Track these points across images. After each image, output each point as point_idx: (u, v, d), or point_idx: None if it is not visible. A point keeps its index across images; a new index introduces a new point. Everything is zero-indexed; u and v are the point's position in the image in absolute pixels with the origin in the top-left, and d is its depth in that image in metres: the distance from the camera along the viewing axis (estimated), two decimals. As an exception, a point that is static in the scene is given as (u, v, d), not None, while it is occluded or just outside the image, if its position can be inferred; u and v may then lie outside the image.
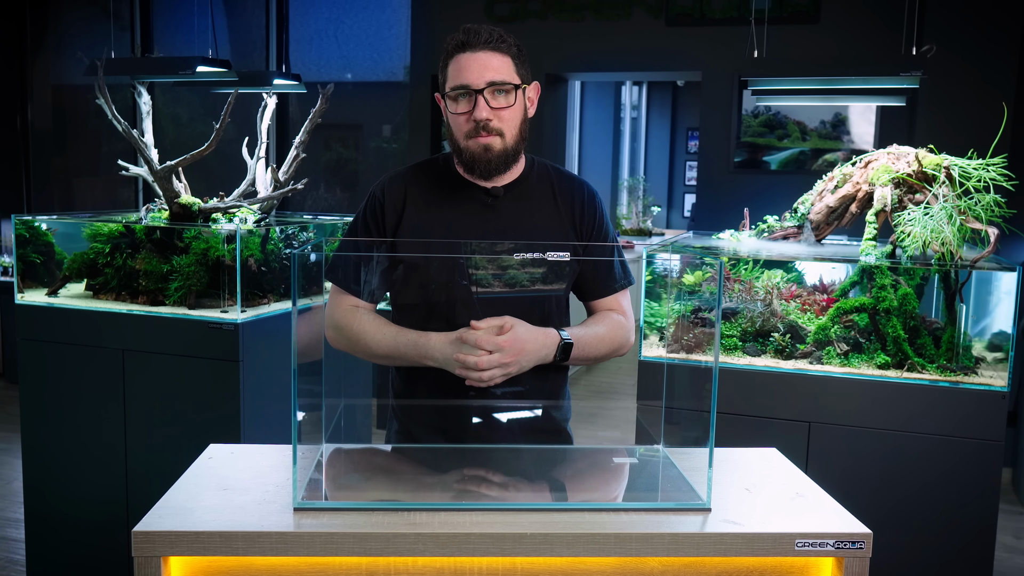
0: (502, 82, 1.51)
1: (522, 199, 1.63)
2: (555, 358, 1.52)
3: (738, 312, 2.39)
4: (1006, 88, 3.91)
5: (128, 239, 2.84)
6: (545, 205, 1.63)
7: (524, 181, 1.64)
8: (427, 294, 1.60)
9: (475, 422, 1.62)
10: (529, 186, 1.64)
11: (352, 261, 1.70)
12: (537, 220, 1.62)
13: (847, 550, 1.19)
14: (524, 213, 1.62)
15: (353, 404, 1.91)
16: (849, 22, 4.24)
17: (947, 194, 2.15)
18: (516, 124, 1.55)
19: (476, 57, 1.51)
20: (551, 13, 4.69)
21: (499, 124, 1.53)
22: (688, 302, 2.31)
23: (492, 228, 1.60)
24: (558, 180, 1.66)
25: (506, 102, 1.53)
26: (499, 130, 1.53)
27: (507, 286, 1.58)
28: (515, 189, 1.62)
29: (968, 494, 2.13)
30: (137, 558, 1.14)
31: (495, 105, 1.52)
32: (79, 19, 6.20)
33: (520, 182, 1.63)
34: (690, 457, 1.44)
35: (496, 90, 1.51)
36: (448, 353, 1.47)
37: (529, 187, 1.64)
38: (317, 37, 5.59)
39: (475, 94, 1.50)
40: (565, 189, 1.65)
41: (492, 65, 1.51)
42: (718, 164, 4.56)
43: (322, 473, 1.36)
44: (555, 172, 1.68)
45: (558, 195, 1.64)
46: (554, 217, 1.63)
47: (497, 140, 1.54)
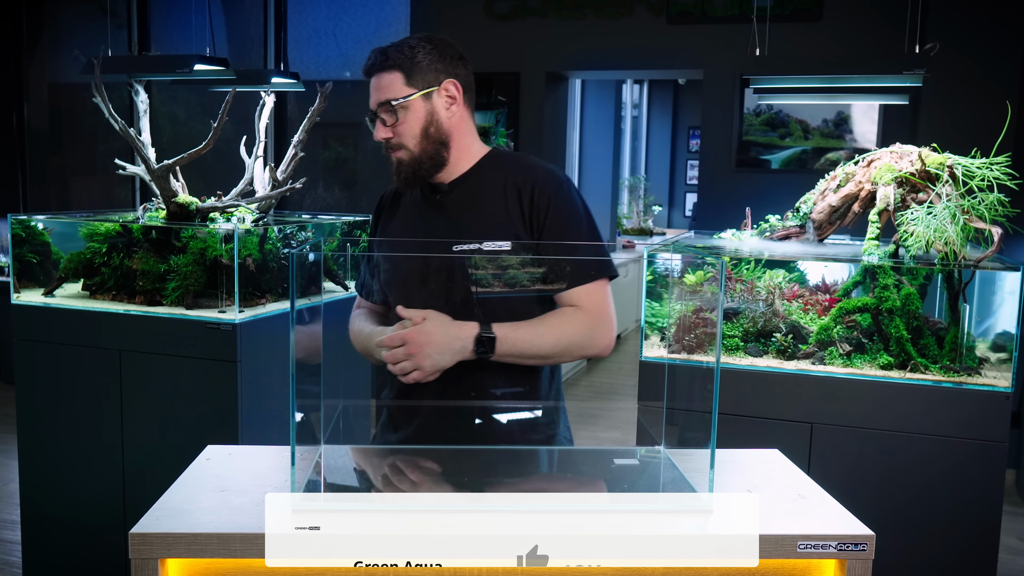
0: (388, 100, 1.60)
1: (469, 194, 1.66)
2: (477, 353, 1.51)
3: (740, 312, 2.37)
4: (1010, 86, 3.89)
5: (125, 239, 2.82)
6: (494, 198, 1.63)
7: (473, 176, 1.67)
8: (392, 293, 1.68)
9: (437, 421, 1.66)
10: (479, 180, 1.66)
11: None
12: (483, 214, 1.63)
13: (849, 552, 1.18)
14: (470, 208, 1.65)
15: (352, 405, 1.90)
16: (852, 20, 4.23)
17: (951, 193, 2.14)
18: (415, 134, 1.61)
19: (373, 82, 1.63)
20: (551, 11, 4.68)
21: (397, 140, 1.62)
22: (689, 302, 2.30)
23: (440, 224, 1.66)
24: (515, 172, 1.65)
25: (396, 118, 1.60)
26: (399, 145, 1.62)
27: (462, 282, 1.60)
28: (463, 184, 1.67)
29: (971, 496, 2.11)
30: (134, 560, 1.13)
31: (388, 123, 1.61)
32: (76, 17, 6.19)
33: (468, 177, 1.67)
34: (691, 458, 1.43)
35: (386, 109, 1.60)
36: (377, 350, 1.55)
37: (479, 181, 1.66)
38: (315, 35, 5.57)
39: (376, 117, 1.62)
40: (519, 181, 1.63)
41: (381, 86, 1.61)
42: (720, 163, 4.55)
43: (321, 475, 1.35)
44: (515, 164, 1.68)
45: (509, 187, 1.63)
46: (501, 210, 1.62)
47: (402, 153, 1.62)
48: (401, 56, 1.60)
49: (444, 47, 1.64)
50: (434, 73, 1.61)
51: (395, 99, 1.59)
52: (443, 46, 1.64)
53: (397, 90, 1.60)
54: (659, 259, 2.43)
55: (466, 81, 1.67)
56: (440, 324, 1.51)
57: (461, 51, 1.67)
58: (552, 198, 1.61)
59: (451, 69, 1.63)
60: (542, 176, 1.64)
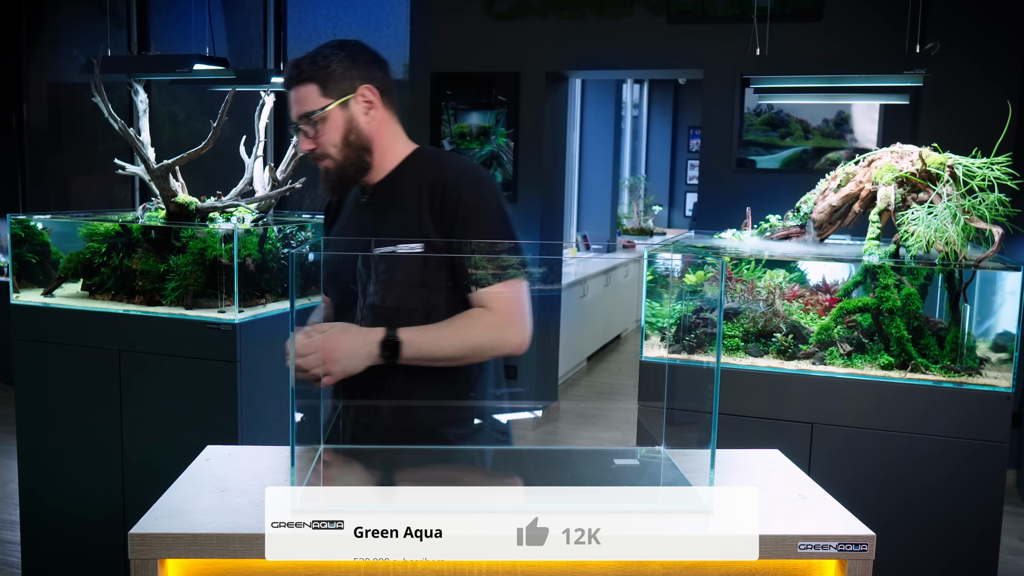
0: (305, 113, 1.62)
1: (391, 195, 1.68)
2: (383, 357, 1.52)
3: (740, 312, 2.37)
4: (1011, 86, 3.89)
5: (125, 239, 2.82)
6: (411, 199, 1.64)
7: (396, 177, 1.68)
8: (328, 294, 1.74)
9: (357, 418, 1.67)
10: (400, 181, 1.67)
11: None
12: (401, 216, 1.64)
13: (850, 552, 1.18)
14: (390, 209, 1.66)
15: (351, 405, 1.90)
16: (852, 20, 4.22)
17: (951, 193, 2.13)
18: (336, 142, 1.63)
19: (291, 95, 1.64)
20: (551, 11, 4.67)
21: (321, 150, 1.64)
22: (690, 302, 2.30)
23: (367, 226, 1.69)
24: (432, 171, 1.65)
25: (316, 130, 1.63)
26: (323, 154, 1.65)
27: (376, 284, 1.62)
28: (386, 186, 1.69)
29: (972, 496, 2.11)
30: (134, 560, 1.13)
31: (310, 135, 1.63)
32: (75, 16, 6.18)
33: (391, 179, 1.68)
34: (692, 459, 1.42)
35: (306, 122, 1.63)
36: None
37: (400, 182, 1.67)
38: (315, 35, 5.57)
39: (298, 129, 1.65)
40: (433, 180, 1.63)
41: (299, 98, 1.63)
42: (720, 163, 4.54)
43: (320, 475, 1.35)
44: (433, 164, 1.69)
45: (425, 187, 1.62)
46: (416, 211, 1.62)
47: (327, 162, 1.66)
48: (315, 67, 1.61)
49: (357, 52, 1.64)
50: (349, 81, 1.62)
51: (313, 111, 1.61)
52: (356, 51, 1.64)
53: (314, 102, 1.61)
54: (659, 259, 2.43)
55: (383, 83, 1.67)
56: (347, 331, 1.55)
57: (376, 54, 1.68)
58: (463, 196, 1.60)
59: (366, 74, 1.64)
60: (455, 175, 1.63)
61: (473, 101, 4.87)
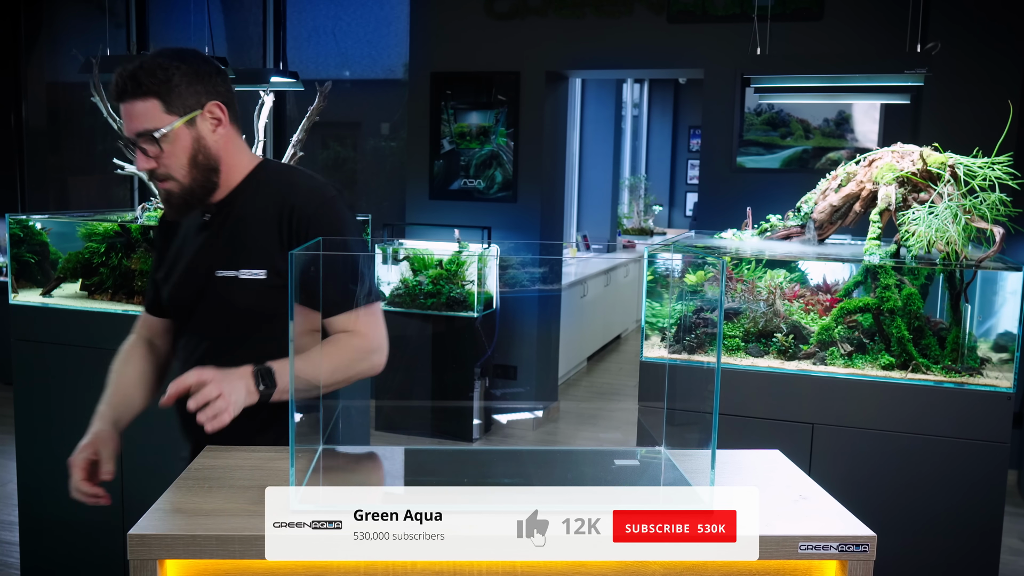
0: (147, 131, 1.49)
1: (233, 216, 1.58)
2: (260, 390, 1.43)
3: (740, 312, 2.37)
4: (1012, 86, 3.88)
5: (123, 239, 2.82)
6: (255, 222, 1.55)
7: (239, 196, 1.59)
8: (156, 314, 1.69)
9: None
10: (243, 201, 1.58)
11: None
12: (244, 239, 1.55)
13: (851, 553, 1.18)
14: (232, 232, 1.57)
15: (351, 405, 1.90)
16: (853, 19, 4.22)
17: (952, 193, 2.13)
18: (183, 164, 1.51)
19: (126, 108, 1.50)
20: (551, 10, 4.67)
21: (164, 171, 1.52)
22: (690, 302, 2.29)
23: (208, 248, 1.58)
24: (277, 193, 1.57)
25: (160, 149, 1.50)
26: (166, 176, 1.52)
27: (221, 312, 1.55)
28: (228, 205, 1.59)
29: (973, 496, 2.11)
30: (132, 561, 1.13)
31: (151, 154, 1.50)
32: (74, 16, 6.18)
33: (233, 198, 1.59)
34: (692, 459, 1.42)
35: (147, 140, 1.49)
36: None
37: (243, 202, 1.58)
38: (315, 34, 5.57)
39: (134, 144, 1.51)
40: (280, 204, 1.55)
41: (137, 113, 1.49)
42: (720, 162, 4.54)
43: (320, 475, 1.34)
44: (278, 183, 1.59)
45: (271, 211, 1.55)
46: (261, 236, 1.54)
47: (171, 185, 1.53)
48: (155, 81, 1.47)
49: (200, 64, 1.53)
50: (195, 96, 1.51)
51: (156, 130, 1.48)
52: (198, 63, 1.53)
53: (156, 119, 1.48)
54: (659, 259, 2.43)
55: (227, 97, 1.57)
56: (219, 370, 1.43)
57: (217, 65, 1.58)
58: (312, 221, 1.53)
59: (212, 88, 1.53)
60: (302, 199, 1.55)
61: (473, 101, 4.87)
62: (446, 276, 4.51)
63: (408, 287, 4.52)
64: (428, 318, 4.46)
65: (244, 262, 1.53)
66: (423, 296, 4.48)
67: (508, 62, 4.77)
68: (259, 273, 1.51)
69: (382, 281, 4.58)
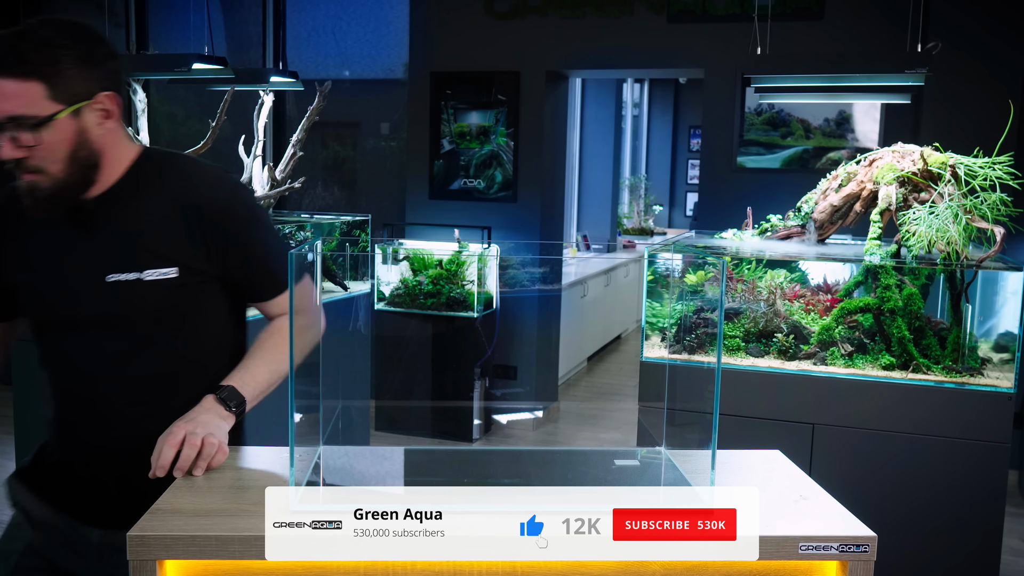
0: (23, 117, 1.28)
1: (122, 212, 1.41)
2: (232, 408, 1.41)
3: (741, 312, 2.36)
4: (1013, 86, 3.88)
5: None
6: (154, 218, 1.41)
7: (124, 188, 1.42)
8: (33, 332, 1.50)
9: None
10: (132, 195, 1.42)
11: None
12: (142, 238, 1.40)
13: (851, 553, 1.17)
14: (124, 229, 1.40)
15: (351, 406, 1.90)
16: (853, 19, 4.22)
17: (953, 193, 2.13)
18: (60, 158, 1.32)
19: None
20: (551, 9, 4.67)
21: (36, 161, 1.31)
22: (690, 302, 2.29)
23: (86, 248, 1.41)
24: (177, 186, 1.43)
25: (36, 139, 1.29)
26: (37, 168, 1.31)
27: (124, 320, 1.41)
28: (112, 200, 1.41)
29: (974, 496, 2.11)
30: (132, 561, 1.13)
31: (23, 142, 1.29)
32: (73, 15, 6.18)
33: (118, 191, 1.42)
34: (692, 459, 1.42)
35: (19, 125, 1.28)
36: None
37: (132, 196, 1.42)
38: (314, 34, 5.57)
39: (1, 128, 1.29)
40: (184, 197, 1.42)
41: (10, 94, 1.27)
42: (720, 162, 4.54)
43: (319, 475, 1.34)
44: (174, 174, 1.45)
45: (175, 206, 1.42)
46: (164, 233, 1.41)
47: (41, 178, 1.32)
48: (42, 61, 1.28)
49: (93, 46, 1.35)
50: (85, 84, 1.32)
51: (34, 118, 1.28)
52: (93, 44, 1.35)
53: (37, 105, 1.28)
54: (660, 259, 2.42)
55: (120, 86, 1.40)
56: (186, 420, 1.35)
57: (112, 47, 1.40)
58: (228, 211, 1.43)
59: (104, 75, 1.35)
60: (208, 191, 1.43)
61: (473, 100, 4.87)
62: (446, 276, 4.51)
63: (408, 287, 4.52)
64: (428, 318, 4.46)
65: (147, 263, 1.39)
66: (423, 296, 4.48)
67: (508, 62, 4.77)
68: (169, 272, 1.39)
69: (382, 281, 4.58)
